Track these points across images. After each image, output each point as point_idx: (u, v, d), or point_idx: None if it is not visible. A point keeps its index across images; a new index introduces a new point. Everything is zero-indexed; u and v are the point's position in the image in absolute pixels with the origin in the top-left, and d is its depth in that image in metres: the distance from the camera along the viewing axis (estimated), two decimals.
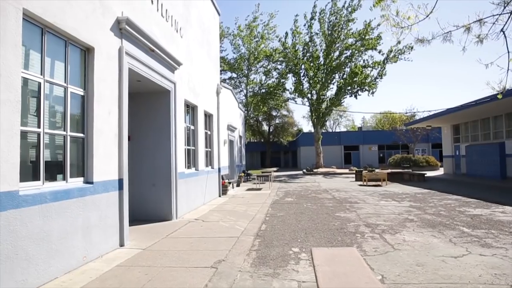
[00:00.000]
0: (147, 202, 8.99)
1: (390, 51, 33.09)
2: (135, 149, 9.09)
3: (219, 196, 14.36)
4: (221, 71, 41.15)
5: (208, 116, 13.64)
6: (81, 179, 5.33)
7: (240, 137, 25.71)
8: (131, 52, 6.76)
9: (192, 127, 11.41)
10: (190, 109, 11.35)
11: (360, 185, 19.71)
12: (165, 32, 8.78)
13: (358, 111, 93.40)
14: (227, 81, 39.85)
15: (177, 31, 9.72)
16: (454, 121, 24.40)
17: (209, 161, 13.60)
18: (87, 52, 5.51)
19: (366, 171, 21.82)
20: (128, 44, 6.68)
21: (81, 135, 5.38)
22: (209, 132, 13.72)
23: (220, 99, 15.76)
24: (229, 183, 16.86)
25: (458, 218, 8.64)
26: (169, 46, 8.91)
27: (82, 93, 5.40)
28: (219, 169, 14.44)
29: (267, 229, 7.71)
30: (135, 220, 8.77)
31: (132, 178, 8.95)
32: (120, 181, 6.25)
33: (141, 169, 9.06)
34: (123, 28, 6.37)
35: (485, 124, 21.25)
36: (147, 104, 9.16)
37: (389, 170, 24.58)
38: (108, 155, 5.89)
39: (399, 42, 32.74)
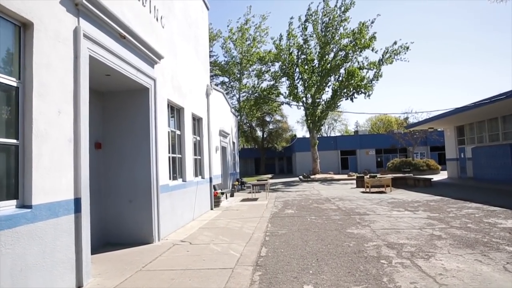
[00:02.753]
0: (123, 221, 7.50)
1: (386, 52, 32.12)
2: (107, 159, 7.64)
3: (211, 209, 12.88)
4: (212, 76, 39.85)
5: (197, 120, 12.21)
6: (13, 202, 3.85)
7: (233, 143, 24.28)
8: (93, 36, 5.32)
9: (178, 132, 9.96)
10: (175, 111, 9.91)
11: (363, 192, 18.34)
12: (141, 19, 7.37)
13: (357, 112, 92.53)
14: (219, 86, 38.45)
15: (157, 19, 8.32)
16: (458, 123, 23.24)
17: (199, 170, 12.13)
18: (23, 28, 4.07)
19: (367, 176, 20.47)
20: (88, 26, 5.25)
21: (13, 141, 3.92)
22: (198, 138, 12.27)
23: (212, 103, 14.33)
24: (222, 193, 15.39)
25: (493, 233, 7.27)
26: (147, 35, 7.50)
27: (14, 84, 3.95)
28: (210, 178, 12.98)
29: (268, 254, 6.25)
30: (107, 244, 7.32)
31: (105, 194, 7.53)
32: (77, 201, 4.77)
33: (116, 183, 7.58)
34: (80, 4, 4.94)
35: (493, 124, 20.08)
36: (121, 105, 7.71)
37: (391, 175, 23.24)
38: (58, 167, 4.42)
39: (395, 43, 32.04)
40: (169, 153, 9.02)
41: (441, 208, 11.23)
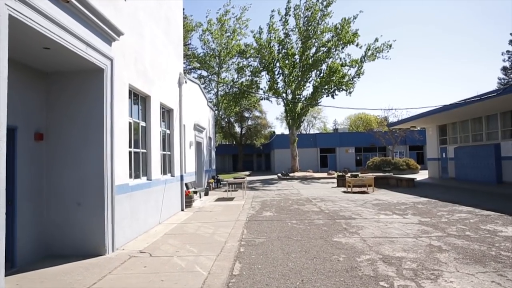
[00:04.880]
0: (69, 228, 6.23)
1: (368, 49, 31.57)
2: (51, 153, 6.34)
3: (182, 210, 11.67)
4: (190, 69, 38.31)
5: (167, 111, 10.95)
6: None
7: (210, 138, 23.03)
8: None
9: (142, 124, 8.70)
10: (140, 100, 8.65)
11: (345, 192, 17.54)
12: None
13: (338, 106, 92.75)
14: (197, 79, 36.95)
15: None
16: (440, 122, 22.79)
17: (168, 167, 10.89)
18: None
19: (349, 175, 19.68)
20: None
21: None
22: (168, 131, 11.02)
23: (186, 94, 13.12)
24: (195, 192, 14.18)
25: (498, 244, 6.42)
26: (102, 4, 6.21)
27: None
28: (181, 176, 11.75)
29: (242, 272, 5.13)
30: (48, 256, 6.06)
31: (47, 195, 6.29)
32: None
33: (61, 182, 6.29)
34: None
35: (476, 124, 19.63)
36: (70, 88, 6.41)
37: (372, 174, 22.54)
38: None
39: (376, 40, 31.48)
40: (130, 147, 7.78)
41: (430, 211, 10.42)
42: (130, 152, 7.72)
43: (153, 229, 8.56)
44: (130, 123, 7.80)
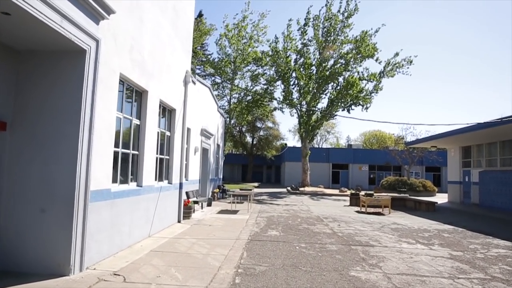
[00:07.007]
0: (29, 240, 5.10)
1: (388, 63, 30.37)
2: (15, 146, 5.27)
3: (179, 221, 10.50)
4: (205, 75, 37.50)
5: (168, 111, 9.88)
6: None
7: (218, 146, 21.91)
8: None
9: (136, 121, 7.61)
10: (135, 94, 7.57)
11: (358, 212, 16.17)
12: None
13: (356, 117, 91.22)
14: (211, 85, 35.99)
15: None
16: (464, 143, 21.26)
17: (165, 173, 9.76)
18: None
19: (363, 194, 18.30)
20: None
21: None
22: (168, 133, 9.93)
23: (194, 96, 12.09)
24: (196, 202, 13.02)
25: None
26: None
27: None
28: (180, 184, 10.60)
29: None
30: (2, 271, 4.91)
31: (7, 195, 5.21)
32: None
33: (24, 182, 5.19)
34: None
35: (506, 147, 18.07)
36: (45, 70, 5.36)
37: (386, 194, 21.02)
38: None
39: (397, 54, 30.25)
40: (117, 147, 6.68)
41: (460, 243, 9.04)
42: (116, 153, 6.63)
43: (140, 243, 7.40)
44: (120, 119, 6.73)
